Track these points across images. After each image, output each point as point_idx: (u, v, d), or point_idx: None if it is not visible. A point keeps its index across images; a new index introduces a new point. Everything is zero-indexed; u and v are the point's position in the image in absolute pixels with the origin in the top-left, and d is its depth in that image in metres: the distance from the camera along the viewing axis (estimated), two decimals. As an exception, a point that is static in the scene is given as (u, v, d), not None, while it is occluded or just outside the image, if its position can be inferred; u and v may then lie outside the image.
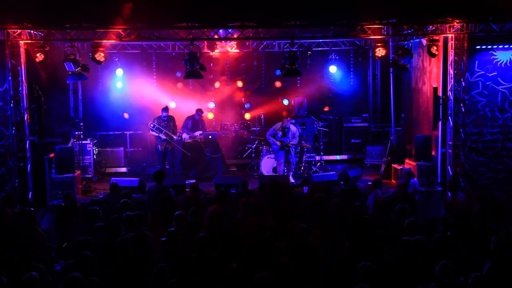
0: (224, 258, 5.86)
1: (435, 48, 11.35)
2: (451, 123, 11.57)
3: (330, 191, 9.04)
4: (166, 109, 13.30)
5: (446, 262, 5.28)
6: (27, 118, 11.24)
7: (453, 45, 11.36)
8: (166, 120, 13.17)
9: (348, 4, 10.48)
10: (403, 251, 5.97)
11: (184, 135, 13.76)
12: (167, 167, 13.40)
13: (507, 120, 11.46)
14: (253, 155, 14.12)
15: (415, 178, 10.97)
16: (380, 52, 12.47)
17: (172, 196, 9.14)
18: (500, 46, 11.32)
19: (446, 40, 11.56)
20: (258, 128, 15.47)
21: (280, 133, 12.84)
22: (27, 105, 11.25)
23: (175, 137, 13.26)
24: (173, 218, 7.13)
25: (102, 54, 11.67)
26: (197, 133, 13.79)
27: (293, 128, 12.94)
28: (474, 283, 4.97)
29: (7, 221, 7.68)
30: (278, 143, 12.77)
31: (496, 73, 11.41)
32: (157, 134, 13.10)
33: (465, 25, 11.04)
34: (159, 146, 13.15)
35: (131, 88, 15.45)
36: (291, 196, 9.66)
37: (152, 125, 13.10)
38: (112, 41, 11.82)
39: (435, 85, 12.04)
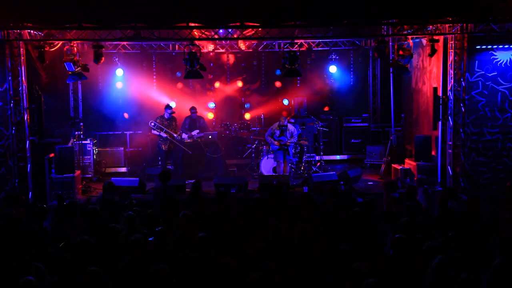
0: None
1: (434, 48, 11.35)
2: (451, 123, 11.57)
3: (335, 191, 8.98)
4: (170, 107, 13.33)
5: (443, 257, 5.31)
6: (27, 118, 11.23)
7: (453, 45, 11.35)
8: (169, 118, 13.18)
9: (348, 4, 10.48)
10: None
11: (183, 135, 13.77)
12: (170, 167, 13.41)
13: (507, 120, 11.45)
14: (253, 155, 14.12)
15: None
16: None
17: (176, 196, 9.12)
18: (500, 46, 11.31)
19: (446, 40, 11.56)
20: (258, 128, 15.47)
21: (278, 132, 12.81)
22: (27, 105, 11.25)
23: (176, 136, 13.27)
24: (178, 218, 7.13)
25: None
26: (194, 132, 13.77)
27: (291, 127, 12.92)
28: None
29: (11, 221, 7.69)
30: (276, 142, 12.75)
31: (496, 73, 11.41)
32: (158, 133, 13.10)
33: (465, 25, 11.04)
34: (163, 146, 13.15)
35: (131, 88, 15.46)
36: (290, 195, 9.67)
37: (153, 124, 13.09)
38: (112, 41, 11.80)
39: (435, 85, 12.04)
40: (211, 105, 16.15)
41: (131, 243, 5.95)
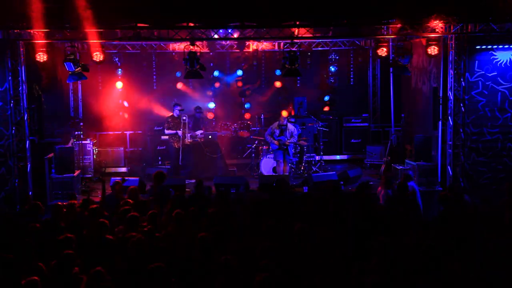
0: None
1: (434, 48, 11.35)
2: (451, 123, 11.57)
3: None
4: (179, 104, 13.41)
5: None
6: (27, 118, 11.23)
7: (453, 45, 11.35)
8: (179, 116, 13.27)
9: (348, 4, 10.48)
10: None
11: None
12: (168, 167, 13.40)
13: (507, 120, 11.45)
14: (253, 155, 14.12)
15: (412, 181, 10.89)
16: (382, 51, 12.41)
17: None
18: (500, 46, 11.30)
19: (446, 40, 11.56)
20: (258, 128, 15.47)
21: (277, 132, 12.81)
22: (27, 105, 11.24)
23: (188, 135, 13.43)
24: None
25: (99, 54, 11.69)
26: (198, 132, 13.77)
27: (290, 126, 12.91)
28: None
29: (8, 221, 7.69)
30: (275, 142, 12.75)
31: (496, 73, 11.40)
32: (173, 132, 13.13)
33: (465, 25, 11.04)
34: (175, 144, 13.15)
35: (131, 88, 15.46)
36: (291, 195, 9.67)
37: (184, 118, 13.14)
38: (112, 41, 11.80)
39: (435, 85, 12.04)
40: (211, 105, 16.16)
41: (132, 243, 5.96)
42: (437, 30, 11.34)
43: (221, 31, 12.43)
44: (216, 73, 16.15)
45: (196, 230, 6.76)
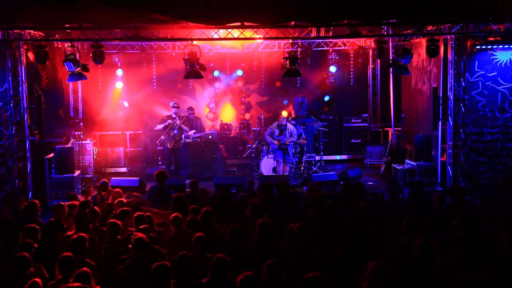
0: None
1: (435, 48, 11.35)
2: (451, 123, 11.57)
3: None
4: (176, 104, 13.48)
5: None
6: (27, 118, 11.23)
7: (453, 45, 11.36)
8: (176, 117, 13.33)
9: (348, 4, 10.48)
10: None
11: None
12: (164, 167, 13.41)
13: (507, 120, 11.45)
14: (253, 155, 14.13)
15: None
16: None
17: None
18: (500, 46, 11.30)
19: (446, 40, 11.56)
20: (258, 128, 15.48)
21: (277, 132, 12.81)
22: (27, 105, 11.25)
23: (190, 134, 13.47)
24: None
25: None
26: (191, 133, 13.75)
27: (290, 126, 12.91)
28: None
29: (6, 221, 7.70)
30: (275, 142, 12.75)
31: (496, 73, 11.40)
32: (162, 125, 13.16)
33: (465, 25, 11.04)
34: (168, 144, 13.17)
35: (131, 88, 15.46)
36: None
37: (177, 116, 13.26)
38: (112, 41, 11.80)
39: (435, 85, 12.04)
40: (211, 105, 16.17)
41: (135, 242, 5.97)
42: (437, 30, 11.36)
43: (221, 31, 12.44)
44: (216, 73, 16.15)
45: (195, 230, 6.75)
